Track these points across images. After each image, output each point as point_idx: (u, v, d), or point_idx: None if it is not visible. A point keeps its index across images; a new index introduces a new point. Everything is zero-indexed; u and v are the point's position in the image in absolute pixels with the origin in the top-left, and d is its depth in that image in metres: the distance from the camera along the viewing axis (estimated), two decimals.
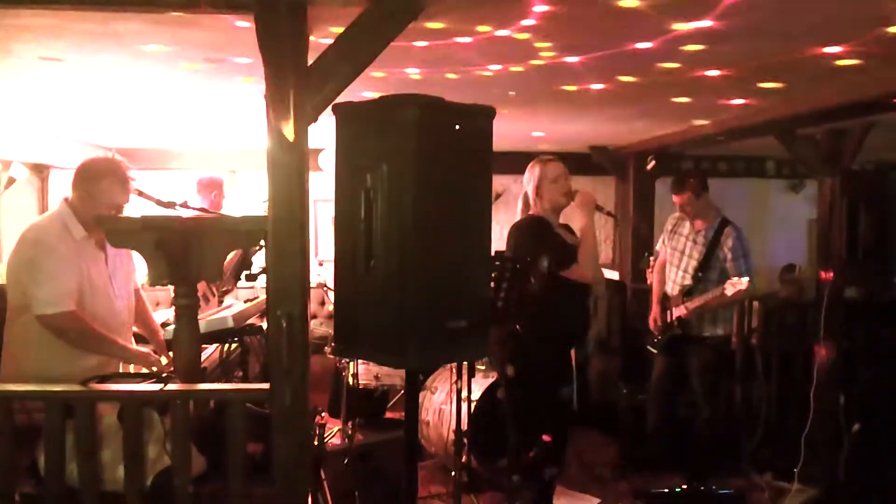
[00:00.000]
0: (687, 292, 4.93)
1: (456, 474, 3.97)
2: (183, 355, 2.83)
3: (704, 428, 4.92)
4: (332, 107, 2.54)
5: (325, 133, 2.67)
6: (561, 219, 4.14)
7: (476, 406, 4.76)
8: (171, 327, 2.96)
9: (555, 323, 3.94)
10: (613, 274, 7.38)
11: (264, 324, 3.42)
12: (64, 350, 3.03)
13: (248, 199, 6.88)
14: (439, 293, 2.44)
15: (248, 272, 3.59)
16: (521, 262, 3.71)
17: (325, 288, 6.02)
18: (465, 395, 4.18)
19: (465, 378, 4.16)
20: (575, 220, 4.10)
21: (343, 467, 4.12)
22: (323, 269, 6.76)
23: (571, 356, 4.23)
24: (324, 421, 4.03)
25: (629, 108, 4.92)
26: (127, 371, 3.28)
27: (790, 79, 3.90)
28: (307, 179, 2.53)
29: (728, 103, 4.69)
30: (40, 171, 6.62)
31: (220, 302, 4.96)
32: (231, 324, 3.37)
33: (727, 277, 4.75)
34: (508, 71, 3.75)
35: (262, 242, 2.91)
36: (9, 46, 3.34)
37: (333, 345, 4.13)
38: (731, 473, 5.02)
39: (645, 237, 7.00)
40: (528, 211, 4.09)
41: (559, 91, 4.26)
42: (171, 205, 3.51)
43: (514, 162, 4.24)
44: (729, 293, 4.61)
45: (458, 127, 2.47)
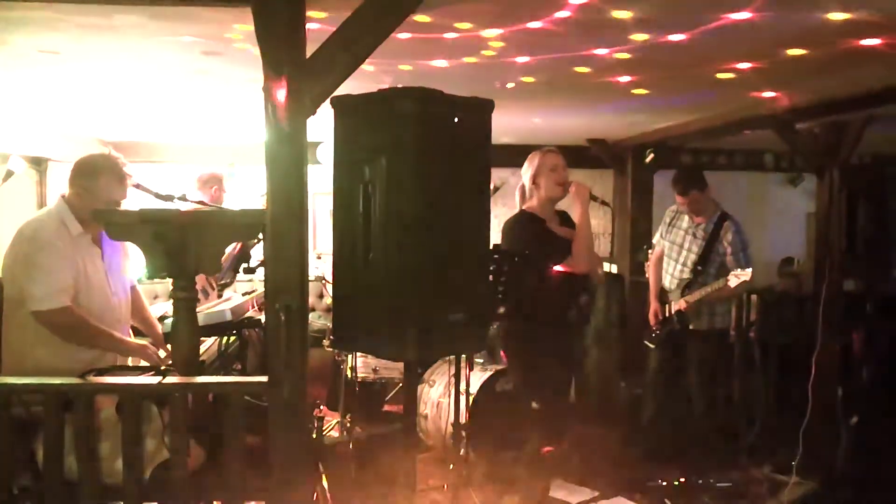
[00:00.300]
0: (685, 286, 4.94)
1: (454, 467, 3.98)
2: (181, 348, 2.82)
3: (701, 421, 4.93)
4: (330, 99, 2.54)
5: (324, 126, 2.66)
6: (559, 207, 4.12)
7: (474, 399, 4.76)
8: (170, 320, 2.95)
9: (552, 316, 3.93)
10: (612, 267, 7.38)
11: (262, 316, 3.42)
12: (62, 344, 3.03)
13: (247, 192, 6.86)
14: (437, 286, 2.45)
15: (246, 265, 3.59)
16: (520, 255, 3.70)
17: (324, 281, 6.02)
18: (463, 387, 4.18)
19: (463, 371, 4.16)
20: (571, 211, 4.09)
21: (341, 460, 4.12)
22: (321, 262, 6.75)
23: (572, 348, 4.25)
24: (322, 414, 4.03)
25: (630, 101, 4.90)
26: (125, 364, 3.28)
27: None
28: (305, 172, 2.52)
29: (731, 96, 4.68)
30: (39, 164, 6.60)
31: (220, 295, 4.96)
32: (229, 317, 3.36)
33: (726, 271, 4.75)
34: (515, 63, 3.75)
35: (261, 235, 2.90)
36: (7, 39, 3.33)
37: (332, 338, 4.14)
38: (730, 466, 5.02)
39: (643, 230, 6.99)
40: (525, 202, 4.08)
41: (567, 81, 4.25)
42: (169, 198, 3.51)
43: (513, 155, 4.22)
44: (732, 285, 4.60)
45: (456, 120, 2.47)
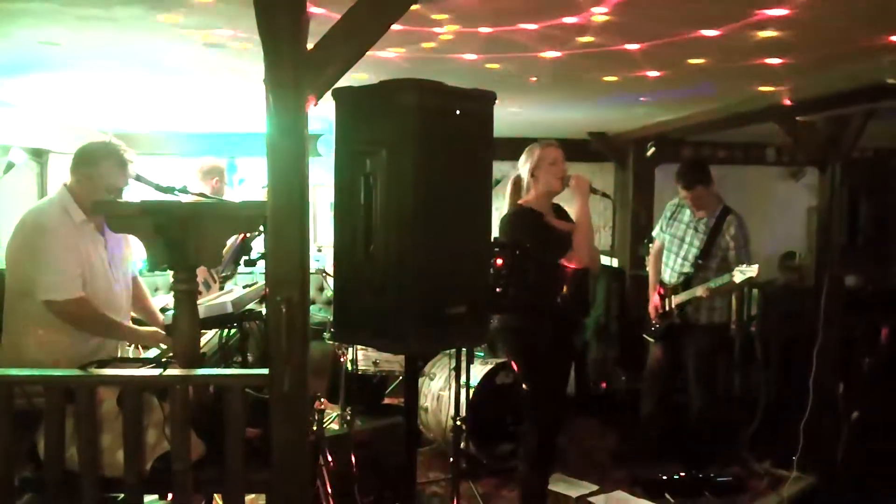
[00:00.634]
0: (686, 280, 4.92)
1: (454, 460, 3.98)
2: (182, 340, 2.82)
3: (701, 415, 4.93)
4: (331, 91, 2.53)
5: (325, 117, 2.66)
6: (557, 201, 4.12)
7: (475, 392, 4.76)
8: (171, 312, 2.95)
9: (551, 308, 3.92)
10: (612, 261, 7.37)
11: (263, 309, 3.41)
12: (64, 335, 3.03)
13: (249, 184, 6.86)
14: (438, 279, 2.44)
15: (247, 257, 3.58)
16: (521, 248, 3.69)
17: (325, 273, 6.01)
18: (463, 381, 4.18)
19: (463, 364, 4.15)
20: (571, 205, 4.08)
21: (342, 453, 4.12)
22: (322, 254, 6.74)
23: (572, 342, 4.24)
24: (322, 406, 4.03)
25: (633, 93, 4.90)
26: (126, 356, 3.28)
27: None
28: (306, 164, 2.52)
29: (731, 89, 4.67)
30: (39, 155, 6.58)
31: (221, 288, 4.95)
32: (230, 309, 3.36)
33: (727, 266, 4.74)
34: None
35: (262, 228, 2.90)
36: (7, 31, 3.32)
37: (332, 330, 4.13)
38: (730, 461, 5.02)
39: (644, 224, 6.98)
40: (520, 195, 4.07)
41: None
42: (169, 190, 3.50)
43: (514, 148, 4.21)
44: (738, 280, 4.59)
45: (458, 112, 2.46)
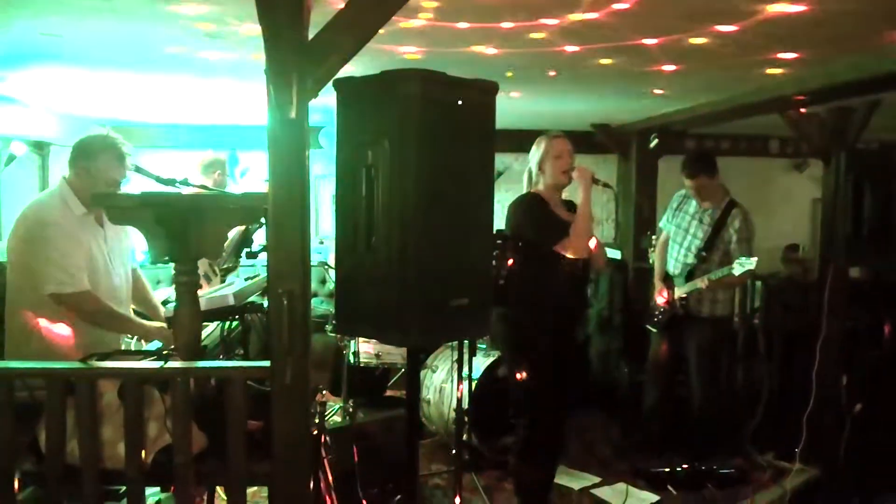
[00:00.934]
0: (689, 271, 4.91)
1: (456, 452, 3.97)
2: (183, 333, 2.81)
3: (704, 407, 4.92)
4: (332, 82, 2.51)
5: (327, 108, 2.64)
6: (565, 195, 4.10)
7: (477, 384, 4.75)
8: (172, 305, 2.94)
9: (552, 299, 3.91)
10: (615, 253, 7.35)
11: (265, 301, 3.40)
12: (66, 328, 3.02)
13: (252, 175, 6.84)
14: (441, 271, 2.43)
15: (248, 249, 3.57)
16: (523, 240, 3.68)
17: (326, 266, 5.99)
18: (466, 373, 4.17)
19: (466, 356, 4.14)
20: (574, 196, 4.07)
21: (344, 445, 4.11)
22: (324, 246, 6.73)
23: (573, 334, 4.22)
24: (324, 399, 4.02)
25: (638, 85, 4.87)
26: (127, 349, 3.27)
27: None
28: (308, 156, 2.50)
29: (736, 80, 4.64)
30: (41, 148, 6.58)
31: (223, 280, 4.94)
32: (232, 301, 3.35)
33: (730, 258, 4.73)
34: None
35: (263, 220, 2.88)
36: (9, 22, 3.31)
37: (334, 323, 4.12)
38: (733, 453, 5.01)
39: (647, 216, 6.96)
40: (532, 187, 4.06)
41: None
42: (170, 182, 3.49)
43: (516, 140, 4.19)
44: (737, 273, 4.59)
45: (460, 102, 2.44)
